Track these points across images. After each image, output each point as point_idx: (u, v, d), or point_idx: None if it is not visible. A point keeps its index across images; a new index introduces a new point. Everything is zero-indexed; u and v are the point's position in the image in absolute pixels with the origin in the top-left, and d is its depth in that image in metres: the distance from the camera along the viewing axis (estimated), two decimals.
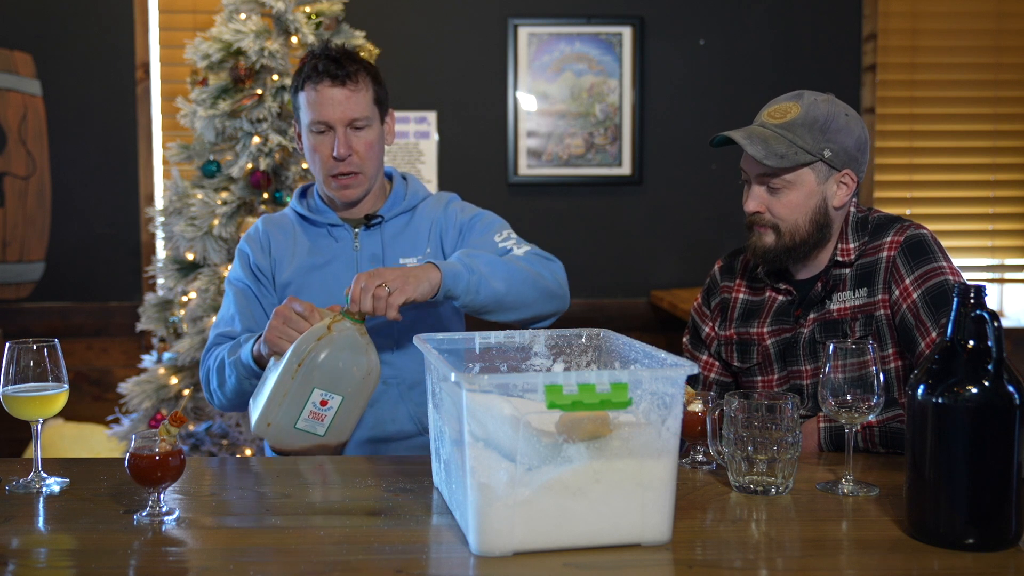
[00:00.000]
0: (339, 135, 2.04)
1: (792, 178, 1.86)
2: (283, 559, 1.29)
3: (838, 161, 1.87)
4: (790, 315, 1.96)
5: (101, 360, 4.15)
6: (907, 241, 1.86)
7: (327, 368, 1.77)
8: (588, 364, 1.66)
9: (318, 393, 1.77)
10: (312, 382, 1.77)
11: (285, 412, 1.78)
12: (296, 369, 1.76)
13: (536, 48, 4.18)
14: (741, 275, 2.06)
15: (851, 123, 1.88)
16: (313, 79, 2.04)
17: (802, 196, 1.87)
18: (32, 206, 4.13)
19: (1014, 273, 4.36)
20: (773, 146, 1.83)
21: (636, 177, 4.22)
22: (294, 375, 1.76)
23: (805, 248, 1.90)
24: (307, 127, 2.07)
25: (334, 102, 2.03)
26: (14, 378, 1.58)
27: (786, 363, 1.95)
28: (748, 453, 1.52)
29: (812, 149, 1.84)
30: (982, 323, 1.28)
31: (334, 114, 2.03)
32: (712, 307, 2.09)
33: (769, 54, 4.25)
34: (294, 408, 1.78)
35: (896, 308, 1.84)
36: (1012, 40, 4.27)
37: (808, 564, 1.27)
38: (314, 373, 1.76)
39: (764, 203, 1.89)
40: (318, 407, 1.78)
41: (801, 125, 1.85)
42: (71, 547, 1.35)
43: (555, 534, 1.28)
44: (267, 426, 1.79)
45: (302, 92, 2.07)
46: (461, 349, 1.63)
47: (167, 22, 4.14)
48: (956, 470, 1.27)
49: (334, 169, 2.06)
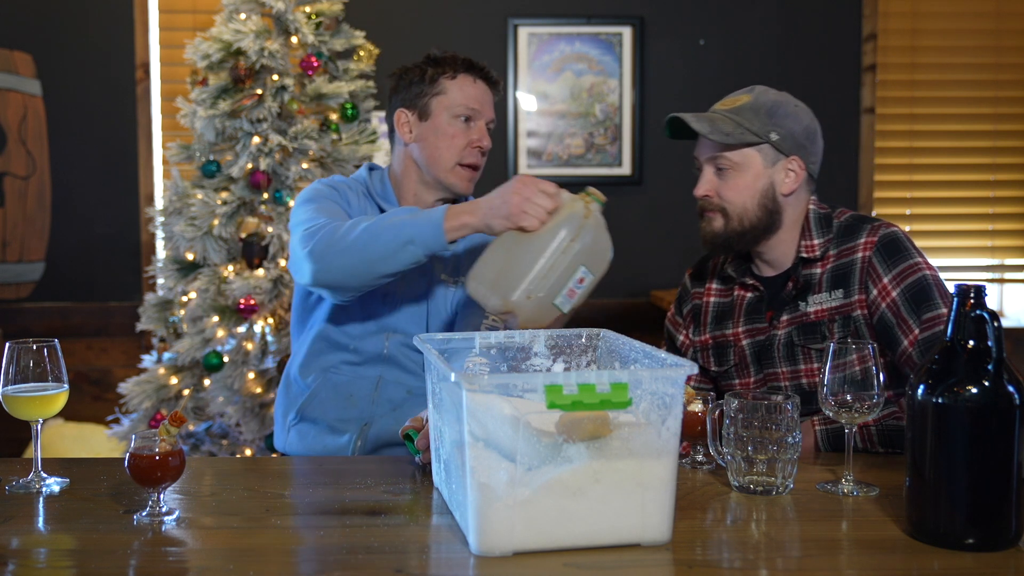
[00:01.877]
0: (482, 128, 2.12)
1: (739, 159, 1.90)
2: (283, 559, 1.29)
3: (785, 146, 1.90)
4: (761, 314, 1.97)
5: (101, 360, 4.15)
6: (881, 240, 1.87)
7: (593, 247, 1.80)
8: (588, 364, 1.67)
9: (582, 271, 1.79)
10: (581, 259, 1.78)
11: (551, 286, 1.77)
12: (570, 244, 1.77)
13: (536, 48, 4.18)
14: (711, 279, 2.09)
15: (800, 112, 1.93)
16: (471, 71, 2.12)
17: (749, 178, 1.90)
18: (32, 206, 4.13)
19: (1014, 273, 4.36)
20: (719, 125, 1.89)
21: (636, 177, 4.22)
22: (567, 250, 1.77)
23: (755, 233, 1.92)
24: (451, 112, 2.09)
25: (486, 99, 2.13)
26: (14, 378, 1.58)
27: (762, 366, 1.96)
28: (748, 453, 1.52)
29: (759, 131, 1.88)
30: (982, 323, 1.28)
31: (484, 107, 2.12)
32: (684, 315, 2.12)
33: (769, 54, 4.25)
34: (560, 284, 1.77)
35: (875, 307, 1.85)
36: (1012, 40, 4.27)
37: (808, 564, 1.27)
38: (585, 250, 1.78)
39: (713, 187, 1.93)
40: (577, 284, 1.79)
41: (749, 109, 1.90)
42: (71, 547, 1.35)
43: (555, 534, 1.28)
44: (527, 298, 1.76)
45: (450, 79, 2.10)
46: (461, 349, 1.63)
47: (167, 22, 4.14)
48: (956, 470, 1.27)
49: (470, 157, 2.11)
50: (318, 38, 3.30)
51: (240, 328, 3.21)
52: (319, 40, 3.30)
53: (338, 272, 1.86)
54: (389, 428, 2.03)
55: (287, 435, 2.11)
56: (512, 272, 1.76)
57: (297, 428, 2.09)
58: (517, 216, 1.76)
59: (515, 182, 1.78)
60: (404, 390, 2.06)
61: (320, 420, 2.06)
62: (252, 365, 3.21)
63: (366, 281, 1.87)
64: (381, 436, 2.04)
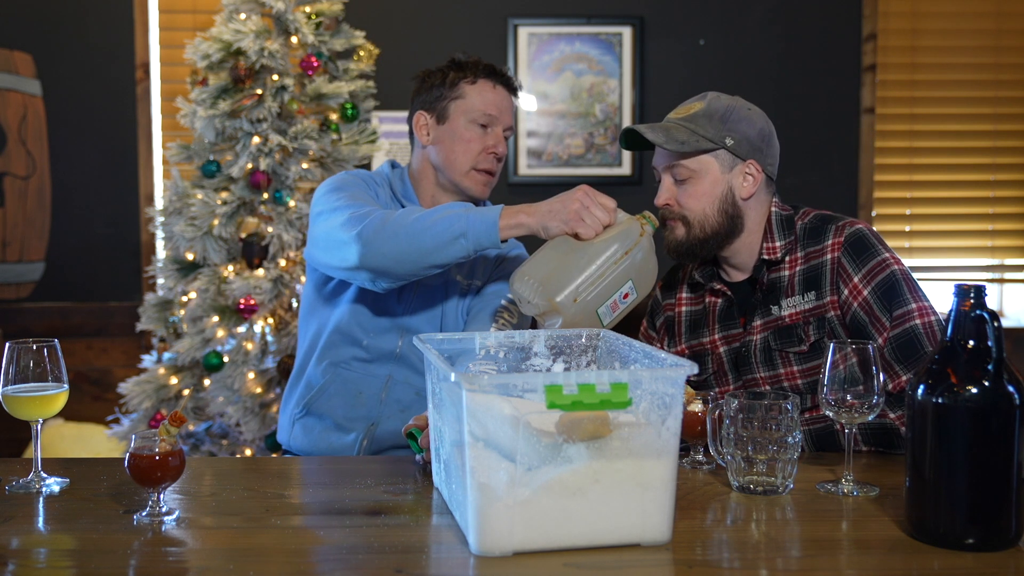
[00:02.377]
0: (499, 134, 2.15)
1: (696, 166, 1.91)
2: (283, 559, 1.29)
3: (741, 150, 1.91)
4: (735, 319, 1.98)
5: (101, 360, 4.15)
6: (848, 240, 1.88)
7: (643, 265, 1.84)
8: (588, 364, 1.67)
9: (628, 286, 1.83)
10: (630, 274, 1.82)
11: (597, 294, 1.79)
12: (622, 258, 1.81)
13: (536, 48, 4.18)
14: (680, 288, 2.10)
15: (753, 116, 1.94)
16: (492, 77, 2.15)
17: (707, 185, 1.92)
18: (32, 206, 4.13)
19: (1014, 273, 4.36)
20: (674, 134, 1.89)
21: (636, 177, 4.22)
22: (618, 262, 1.80)
23: (718, 239, 1.94)
24: (468, 116, 2.11)
25: (505, 105, 2.16)
26: (14, 378, 1.58)
27: (740, 372, 1.96)
28: (748, 453, 1.52)
29: (713, 137, 1.89)
30: (982, 323, 1.28)
31: (502, 114, 2.14)
32: (658, 327, 2.13)
33: (769, 54, 4.25)
34: (606, 293, 1.80)
35: (847, 307, 1.86)
36: (1012, 40, 4.27)
37: (808, 564, 1.27)
38: (635, 267, 1.82)
39: (672, 196, 1.95)
40: (621, 299, 1.82)
41: (702, 116, 1.91)
42: (71, 547, 1.35)
43: (555, 534, 1.28)
44: (574, 301, 1.77)
45: (470, 84, 2.13)
46: (461, 349, 1.63)
47: (167, 22, 4.14)
48: (956, 470, 1.27)
49: (485, 163, 2.13)
50: (318, 38, 3.30)
51: (240, 328, 3.21)
52: (319, 40, 3.30)
53: (387, 257, 1.85)
54: (396, 429, 2.03)
55: (292, 428, 2.11)
56: (562, 274, 1.78)
57: (302, 422, 2.09)
58: (575, 222, 1.79)
59: (577, 190, 1.82)
60: (413, 391, 2.06)
61: (327, 416, 2.06)
62: (252, 365, 3.21)
63: (413, 269, 1.86)
64: (387, 437, 2.04)
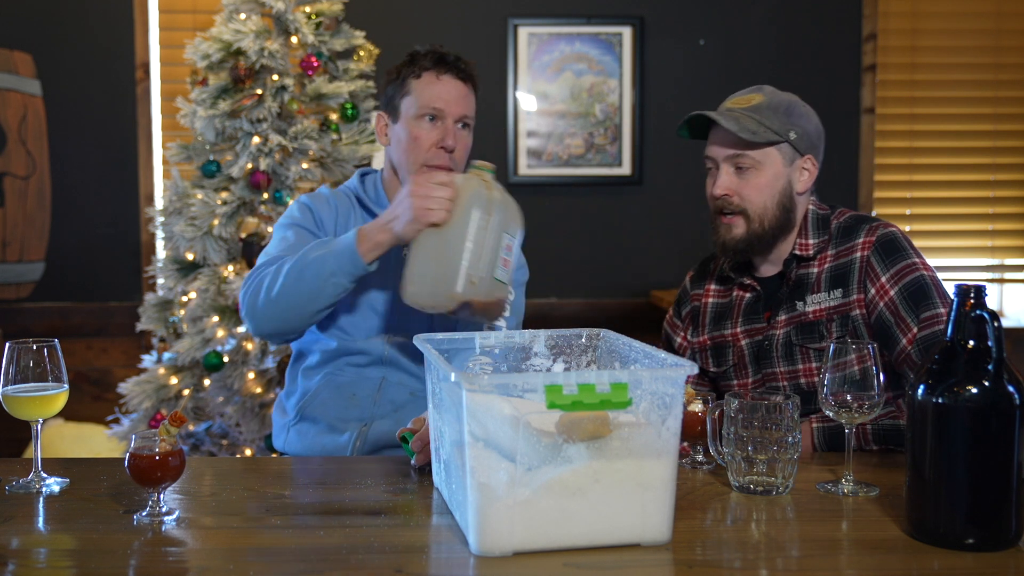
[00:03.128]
0: (449, 127, 2.05)
1: (761, 157, 1.91)
2: (283, 559, 1.29)
3: (802, 145, 1.92)
4: (759, 314, 1.98)
5: (101, 360, 4.15)
6: (879, 240, 1.88)
7: (506, 211, 1.81)
8: (588, 364, 1.67)
9: (506, 237, 1.81)
10: (503, 227, 1.80)
11: (488, 263, 1.79)
12: (488, 220, 1.78)
13: (536, 48, 4.17)
14: (710, 280, 2.10)
15: (810, 112, 1.96)
16: (436, 68, 2.05)
17: (769, 177, 1.91)
18: (32, 206, 4.13)
19: (1014, 273, 4.36)
20: (744, 123, 1.88)
21: (636, 177, 4.22)
22: (487, 227, 1.78)
23: (773, 234, 1.93)
24: (415, 112, 2.05)
25: (453, 94, 2.05)
26: (14, 378, 1.58)
27: (760, 366, 1.96)
28: (748, 453, 1.52)
29: (779, 130, 1.89)
30: (982, 323, 1.28)
31: (450, 105, 2.04)
32: (683, 316, 2.13)
33: (769, 54, 4.25)
34: (493, 258, 1.79)
35: (872, 307, 1.86)
36: (1012, 40, 4.27)
37: (808, 564, 1.27)
38: (503, 220, 1.80)
39: (732, 186, 1.93)
40: (506, 252, 1.82)
41: (767, 108, 1.91)
42: (71, 547, 1.35)
43: (555, 534, 1.28)
44: (471, 284, 1.77)
45: (416, 79, 2.06)
46: (461, 349, 1.63)
47: (167, 22, 4.14)
48: (956, 470, 1.27)
49: (434, 159, 2.05)
50: (318, 38, 3.30)
51: (240, 328, 3.21)
52: (319, 40, 3.30)
53: (273, 322, 1.91)
54: (389, 430, 2.02)
55: (287, 434, 2.11)
56: (446, 267, 1.78)
57: (297, 427, 2.09)
58: (423, 215, 1.77)
59: (408, 185, 1.80)
60: (407, 392, 2.06)
61: (320, 419, 2.06)
62: (252, 365, 3.21)
63: (302, 323, 1.91)
64: (380, 438, 2.03)
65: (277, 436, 2.15)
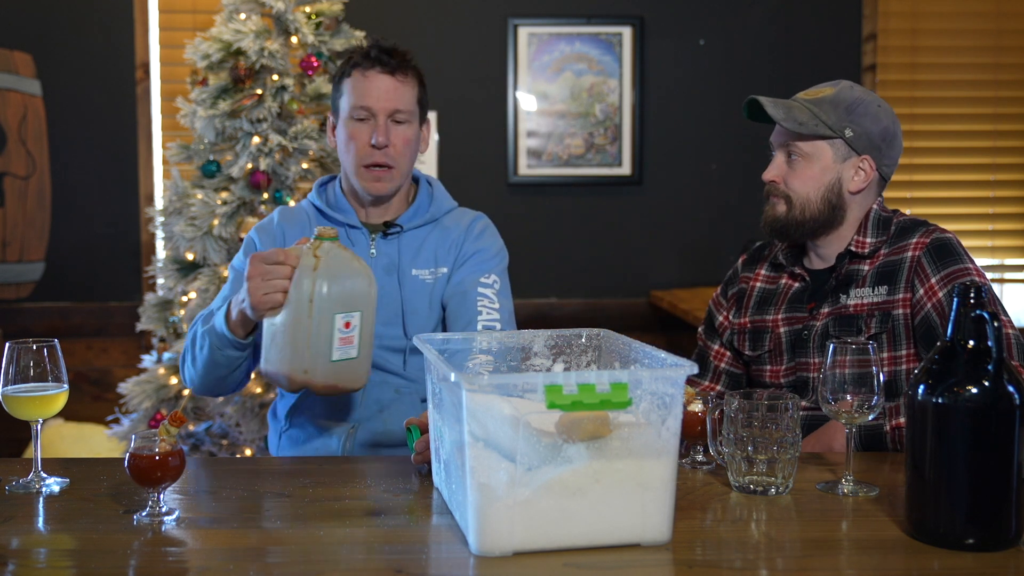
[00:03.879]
0: (380, 124, 2.01)
1: (810, 149, 1.92)
2: (283, 559, 1.29)
3: (859, 144, 1.92)
4: (803, 304, 1.98)
5: (101, 360, 4.15)
6: (933, 242, 1.89)
7: (337, 291, 1.73)
8: (588, 364, 1.66)
9: (339, 318, 1.74)
10: (331, 310, 1.73)
11: (316, 351, 1.73)
12: (310, 307, 1.72)
13: (536, 48, 4.18)
14: (762, 265, 2.10)
15: (881, 113, 1.95)
16: (363, 65, 2.03)
17: (816, 170, 1.93)
18: (32, 206, 4.13)
19: (1014, 273, 4.36)
20: (795, 113, 1.90)
21: (636, 177, 4.22)
22: (310, 314, 1.72)
23: (815, 224, 1.94)
24: (348, 113, 2.03)
25: (381, 90, 2.01)
26: (14, 378, 1.58)
27: (795, 354, 1.96)
28: (748, 453, 1.51)
29: (833, 125, 1.90)
30: (982, 323, 1.28)
31: (379, 102, 2.01)
32: (728, 297, 2.13)
33: (769, 54, 4.25)
34: (324, 343, 1.74)
35: (919, 307, 1.85)
36: (1012, 40, 4.27)
37: (808, 564, 1.27)
38: (328, 302, 1.73)
39: (781, 173, 1.96)
40: (344, 331, 1.75)
41: (828, 102, 1.92)
42: (71, 547, 1.35)
43: (555, 534, 1.28)
44: (304, 373, 1.74)
45: (347, 78, 2.04)
46: (461, 349, 1.63)
47: (167, 22, 4.14)
48: (956, 470, 1.27)
49: (369, 158, 2.02)
50: (318, 38, 3.30)
51: None
52: (319, 40, 3.30)
53: (204, 390, 2.02)
54: (376, 430, 2.02)
55: (279, 440, 2.11)
56: (283, 351, 1.75)
57: (288, 434, 2.08)
58: (260, 303, 1.75)
59: (247, 267, 1.77)
60: (392, 389, 2.04)
61: (308, 424, 2.05)
62: None
63: (227, 387, 2.00)
64: (370, 438, 2.03)
65: (272, 442, 2.15)
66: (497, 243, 2.16)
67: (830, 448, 1.81)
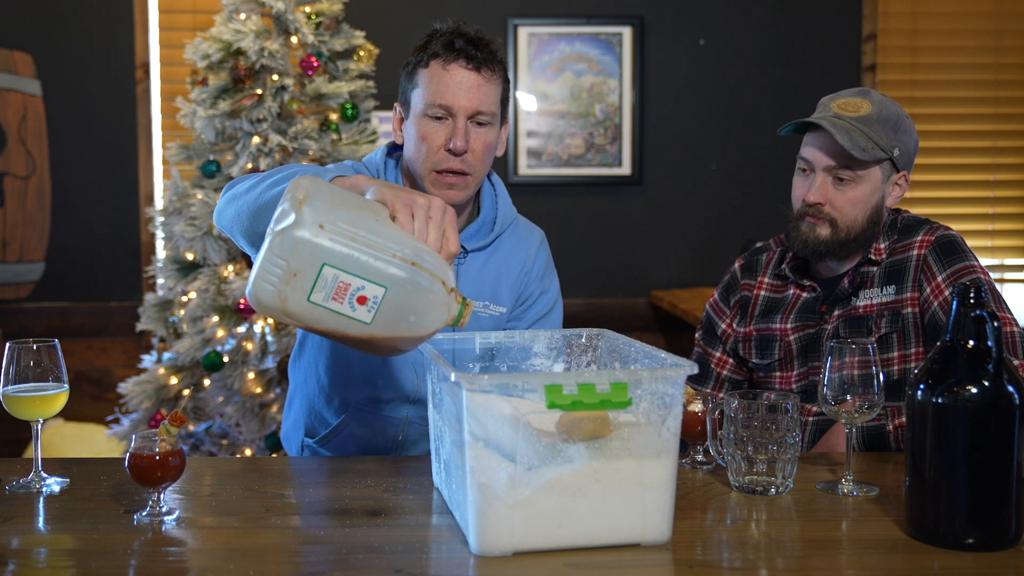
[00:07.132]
0: (459, 126, 1.78)
1: (864, 173, 1.89)
2: (283, 559, 1.29)
3: (901, 161, 1.91)
4: (815, 311, 1.97)
5: (101, 360, 4.15)
6: (938, 240, 1.88)
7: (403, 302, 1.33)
8: (588, 364, 1.66)
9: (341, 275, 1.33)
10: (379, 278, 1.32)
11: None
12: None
13: (536, 48, 4.18)
14: (764, 272, 2.07)
15: (912, 126, 1.94)
16: (445, 56, 1.79)
17: (866, 192, 1.90)
18: (32, 206, 4.13)
19: (1014, 273, 4.36)
20: (856, 138, 1.84)
21: (636, 177, 4.22)
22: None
23: (857, 244, 1.92)
24: (422, 110, 1.80)
25: (464, 87, 1.78)
26: (14, 378, 1.58)
27: (807, 359, 1.95)
28: (748, 453, 1.51)
29: (885, 146, 1.88)
30: (982, 323, 1.28)
31: (460, 100, 1.78)
32: (731, 304, 2.09)
33: (769, 54, 4.25)
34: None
35: (927, 305, 1.85)
36: (1012, 40, 4.27)
37: (808, 564, 1.27)
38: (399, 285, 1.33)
39: (828, 197, 1.90)
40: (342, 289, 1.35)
41: (876, 121, 1.87)
42: (71, 547, 1.35)
43: (555, 534, 1.28)
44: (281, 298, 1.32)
45: (424, 68, 1.81)
46: (461, 349, 1.63)
47: (167, 22, 4.14)
48: (956, 470, 1.27)
49: (443, 163, 1.79)
50: (318, 38, 3.30)
51: (240, 328, 3.21)
52: (319, 40, 3.30)
53: (226, 220, 1.65)
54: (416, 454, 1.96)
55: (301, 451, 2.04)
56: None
57: (314, 451, 2.02)
58: (435, 208, 1.38)
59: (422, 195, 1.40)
60: None
61: (341, 451, 1.98)
62: (252, 365, 3.21)
63: (247, 239, 1.61)
64: None
65: (290, 449, 2.06)
66: (556, 282, 2.05)
67: (835, 450, 1.81)
